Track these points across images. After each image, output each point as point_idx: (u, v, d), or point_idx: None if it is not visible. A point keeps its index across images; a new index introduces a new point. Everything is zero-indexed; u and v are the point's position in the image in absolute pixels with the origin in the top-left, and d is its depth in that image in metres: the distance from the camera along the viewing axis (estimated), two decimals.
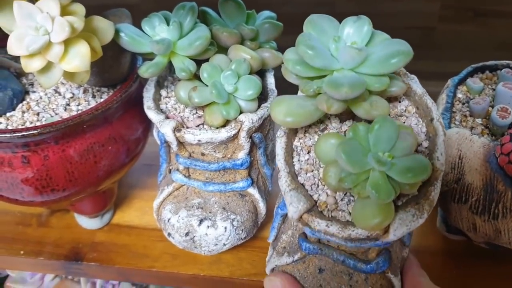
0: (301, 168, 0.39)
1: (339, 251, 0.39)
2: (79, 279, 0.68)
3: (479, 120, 0.52)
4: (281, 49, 0.54)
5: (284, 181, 0.37)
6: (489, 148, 0.45)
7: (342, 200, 0.37)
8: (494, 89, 0.55)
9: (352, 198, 0.37)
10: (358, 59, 0.36)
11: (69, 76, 0.45)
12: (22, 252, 0.58)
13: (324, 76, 0.37)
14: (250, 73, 0.49)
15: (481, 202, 0.45)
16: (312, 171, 0.39)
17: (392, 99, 0.42)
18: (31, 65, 0.42)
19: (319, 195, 0.37)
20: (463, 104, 0.55)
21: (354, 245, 0.37)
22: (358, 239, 0.35)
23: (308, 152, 0.40)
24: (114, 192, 0.59)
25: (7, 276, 0.74)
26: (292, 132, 0.41)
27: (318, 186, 0.38)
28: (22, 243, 0.59)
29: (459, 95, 0.55)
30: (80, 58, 0.42)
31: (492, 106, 0.52)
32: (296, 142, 0.41)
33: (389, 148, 0.34)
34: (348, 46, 0.36)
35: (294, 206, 0.35)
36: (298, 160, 0.40)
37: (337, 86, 0.34)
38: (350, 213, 0.36)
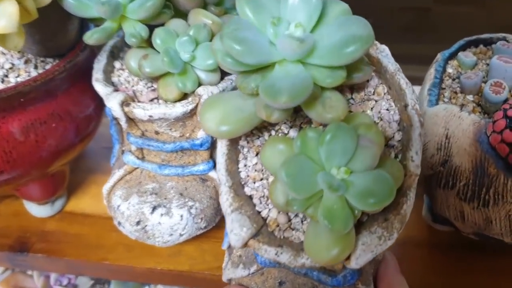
0: (248, 176, 0.33)
1: None
2: (32, 272, 0.63)
3: (470, 97, 0.46)
4: None
5: (225, 199, 0.31)
6: (479, 126, 0.40)
7: (296, 216, 0.31)
8: (488, 64, 0.50)
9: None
10: (301, 52, 0.29)
11: None
12: None
13: (265, 68, 0.30)
14: (211, 40, 0.43)
15: (470, 187, 0.41)
16: (261, 179, 0.33)
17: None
18: None
19: (269, 210, 0.31)
20: (454, 80, 0.49)
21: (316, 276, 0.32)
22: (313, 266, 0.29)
23: (257, 154, 0.33)
24: (65, 176, 0.54)
25: None
26: None
27: (268, 199, 0.32)
28: None
29: (449, 70, 0.50)
30: (6, 18, 0.36)
31: (485, 82, 0.47)
32: (242, 142, 0.34)
33: (346, 161, 0.27)
34: (287, 36, 0.28)
35: (236, 233, 0.30)
36: (245, 166, 0.33)
37: (274, 94, 0.27)
38: (303, 232, 0.31)
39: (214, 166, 0.46)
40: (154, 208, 0.44)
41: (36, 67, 0.46)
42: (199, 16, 0.44)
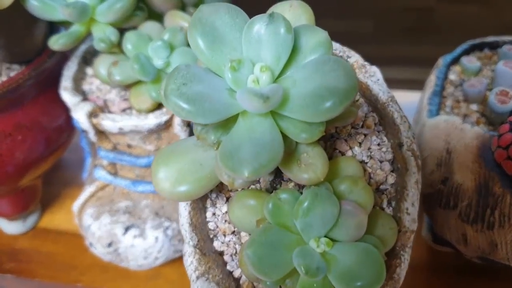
0: (217, 227, 0.29)
1: None
2: None
3: (474, 106, 0.43)
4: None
5: (189, 263, 0.27)
6: (483, 140, 0.37)
7: None
8: (493, 70, 0.46)
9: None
10: (266, 109, 0.23)
11: None
12: None
13: (227, 119, 0.25)
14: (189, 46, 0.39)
15: (473, 207, 0.37)
16: (233, 232, 0.28)
17: None
18: None
19: (241, 277, 0.28)
20: (456, 87, 0.46)
21: None
22: None
23: (227, 200, 0.29)
24: (37, 191, 0.50)
25: None
26: None
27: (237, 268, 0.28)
28: None
29: (452, 77, 0.46)
30: None
31: (490, 90, 0.43)
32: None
33: (326, 231, 0.24)
34: (248, 91, 0.22)
35: None
36: (214, 214, 0.29)
37: (236, 166, 0.22)
38: None
39: None
40: (127, 229, 0.40)
41: (0, 75, 0.42)
42: (176, 19, 0.40)
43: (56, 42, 0.38)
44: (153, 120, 0.38)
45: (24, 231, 0.51)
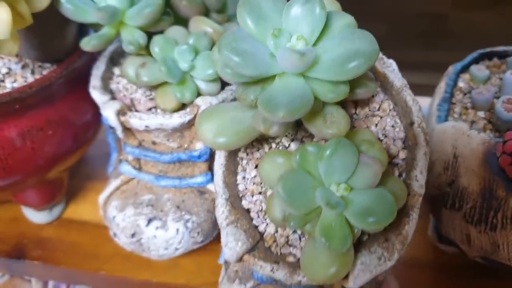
0: (246, 189, 0.32)
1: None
2: (29, 277, 0.62)
3: (481, 114, 0.44)
4: None
5: (221, 212, 0.30)
6: (489, 146, 0.38)
7: (294, 233, 0.30)
8: (501, 79, 0.47)
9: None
10: (301, 66, 0.27)
11: None
12: None
13: (265, 80, 0.29)
14: (212, 49, 0.42)
15: (477, 209, 0.38)
16: (259, 193, 0.32)
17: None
18: None
19: (266, 225, 0.30)
20: (465, 94, 0.47)
21: None
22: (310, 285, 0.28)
23: (256, 167, 0.33)
24: (63, 183, 0.52)
25: None
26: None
27: (265, 215, 0.31)
28: None
29: (461, 84, 0.48)
30: None
31: (498, 98, 0.45)
32: (241, 153, 0.34)
33: (346, 178, 0.27)
34: (288, 49, 0.27)
35: (230, 248, 0.29)
36: (243, 178, 0.32)
37: (273, 108, 0.26)
38: (301, 249, 0.30)
39: (213, 178, 0.44)
40: (149, 221, 0.43)
41: (33, 72, 0.45)
42: (200, 24, 0.42)
43: (88, 44, 0.41)
44: (177, 119, 0.40)
45: (50, 220, 0.53)
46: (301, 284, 0.28)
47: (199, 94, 0.41)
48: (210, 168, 0.44)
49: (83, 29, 0.48)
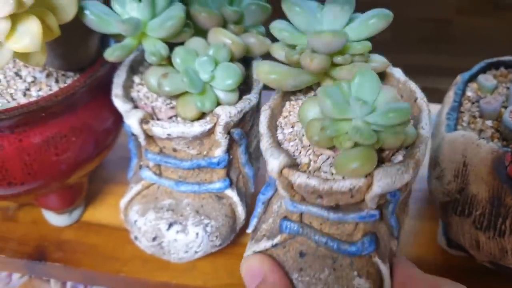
0: (284, 139, 0.38)
1: (321, 233, 0.37)
2: (48, 278, 0.63)
3: (489, 123, 0.46)
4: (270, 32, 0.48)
5: (266, 141, 0.36)
6: (498, 155, 0.40)
7: (324, 162, 0.35)
8: (508, 88, 0.49)
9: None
10: (343, 20, 0.37)
11: (22, 57, 0.40)
12: None
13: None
14: (231, 61, 0.43)
15: (486, 216, 0.40)
16: (295, 140, 0.38)
17: None
18: None
19: (301, 159, 0.36)
20: (473, 103, 0.49)
21: (337, 218, 0.35)
22: (340, 192, 0.33)
23: (292, 127, 0.39)
24: (83, 187, 0.54)
25: None
26: (278, 110, 0.41)
27: (300, 152, 0.37)
28: None
29: (469, 93, 0.50)
30: (30, 37, 0.37)
31: (506, 107, 0.46)
32: (280, 119, 0.40)
33: (372, 98, 0.34)
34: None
35: (275, 158, 0.34)
36: (282, 133, 0.39)
37: (321, 33, 0.35)
38: (332, 174, 0.34)
39: (231, 184, 0.46)
40: (170, 225, 0.44)
41: (57, 81, 0.46)
42: (219, 36, 0.44)
43: (112, 54, 0.42)
44: (198, 128, 0.41)
45: (70, 223, 0.55)
46: (332, 189, 0.32)
47: (218, 103, 0.43)
48: (228, 174, 0.46)
49: (104, 39, 0.49)
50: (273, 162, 0.34)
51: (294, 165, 0.35)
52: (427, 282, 0.36)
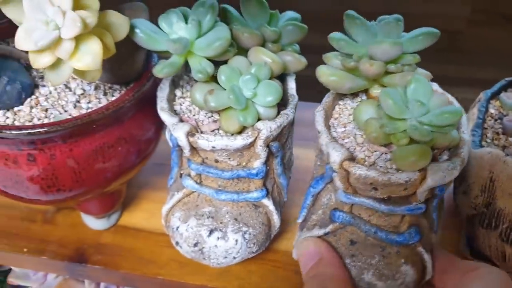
0: (338, 137, 0.43)
1: (370, 224, 0.41)
2: (88, 280, 0.66)
3: None
4: (302, 47, 0.51)
5: (325, 136, 0.41)
6: None
7: (378, 158, 0.40)
8: None
9: (389, 156, 0.40)
10: (395, 35, 0.42)
11: (79, 73, 0.42)
12: (25, 249, 0.56)
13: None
14: (271, 78, 0.46)
15: None
16: (349, 137, 0.42)
17: None
18: (39, 61, 0.40)
19: (357, 155, 0.40)
20: (496, 120, 0.51)
21: (388, 209, 0.39)
22: (396, 184, 0.37)
23: (344, 127, 0.44)
24: (122, 193, 0.57)
25: (10, 270, 0.73)
26: (329, 112, 0.45)
27: (355, 148, 0.41)
28: (26, 240, 0.57)
29: (492, 111, 0.52)
30: (91, 56, 0.40)
31: None
32: (332, 120, 0.45)
33: (426, 101, 0.38)
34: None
35: (337, 151, 0.39)
36: (335, 132, 0.43)
37: (381, 42, 0.40)
38: (387, 168, 0.39)
39: (267, 194, 0.49)
40: (211, 232, 0.47)
41: (105, 94, 0.49)
42: (260, 54, 0.47)
43: (161, 71, 0.45)
44: (240, 141, 0.44)
45: (107, 227, 0.58)
46: (390, 181, 0.36)
47: (258, 118, 0.46)
48: (265, 184, 0.49)
49: (148, 54, 0.52)
50: (335, 155, 0.38)
51: (352, 159, 0.39)
52: (465, 266, 0.40)
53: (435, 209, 0.41)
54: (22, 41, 0.39)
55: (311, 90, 0.51)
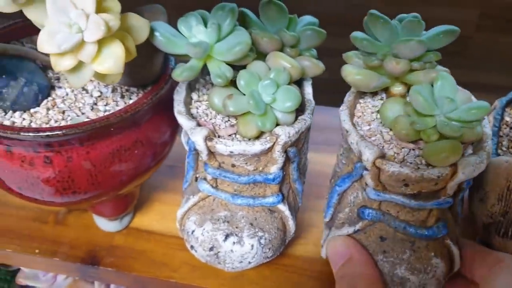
0: (364, 135, 0.43)
1: (399, 219, 0.42)
2: (100, 281, 0.66)
3: None
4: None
5: (355, 135, 0.42)
6: None
7: (407, 155, 0.41)
8: None
9: (418, 152, 0.41)
10: (417, 34, 0.43)
11: (100, 76, 0.42)
12: (37, 251, 0.56)
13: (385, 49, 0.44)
14: (289, 83, 0.46)
15: None
16: (375, 135, 0.43)
17: None
18: (61, 64, 0.39)
19: (386, 152, 0.41)
20: (511, 128, 0.51)
21: (418, 205, 0.40)
22: (428, 179, 0.38)
23: (369, 125, 0.45)
24: (136, 196, 0.57)
25: (19, 269, 0.73)
26: (352, 111, 0.46)
27: (383, 146, 0.42)
28: (38, 241, 0.57)
29: (507, 118, 0.52)
30: (114, 59, 0.40)
31: None
32: (355, 119, 0.46)
33: (453, 97, 0.39)
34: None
35: (370, 149, 0.39)
36: (361, 130, 0.44)
37: (407, 40, 0.41)
38: (417, 164, 0.39)
39: (283, 199, 0.49)
40: (227, 236, 0.47)
41: (122, 96, 0.49)
42: (279, 59, 0.47)
43: (180, 75, 0.45)
44: (259, 146, 0.44)
45: (120, 229, 0.58)
46: (423, 177, 0.37)
47: (276, 123, 0.45)
48: (281, 190, 0.49)
49: (165, 57, 0.52)
50: (368, 153, 0.39)
51: (383, 156, 0.40)
52: (493, 255, 0.42)
53: (460, 202, 0.43)
54: (45, 43, 0.38)
55: (314, 92, 0.51)
